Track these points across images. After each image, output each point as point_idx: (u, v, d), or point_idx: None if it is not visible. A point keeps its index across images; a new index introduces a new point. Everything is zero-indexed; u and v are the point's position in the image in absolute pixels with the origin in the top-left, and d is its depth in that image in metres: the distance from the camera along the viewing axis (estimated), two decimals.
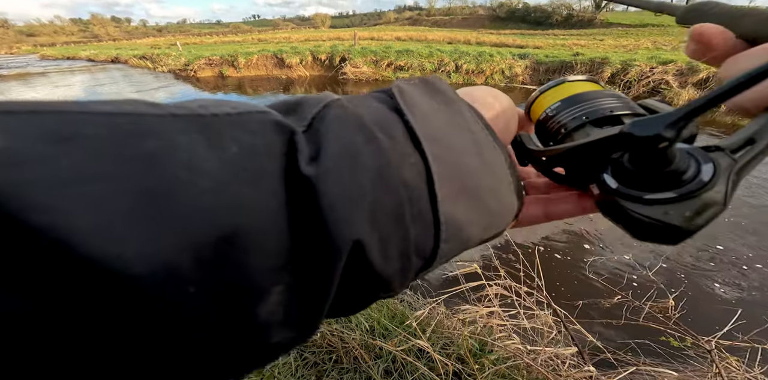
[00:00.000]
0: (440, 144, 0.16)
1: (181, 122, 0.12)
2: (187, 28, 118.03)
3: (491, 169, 0.17)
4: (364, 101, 0.18)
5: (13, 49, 44.80)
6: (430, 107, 0.17)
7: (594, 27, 36.17)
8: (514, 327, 1.62)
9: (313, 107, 0.16)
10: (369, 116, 0.16)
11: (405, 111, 0.16)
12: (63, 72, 15.63)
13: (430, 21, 59.97)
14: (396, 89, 0.18)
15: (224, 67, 12.44)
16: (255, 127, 0.13)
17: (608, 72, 8.43)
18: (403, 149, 0.15)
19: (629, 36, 22.22)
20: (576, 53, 10.06)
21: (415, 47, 11.95)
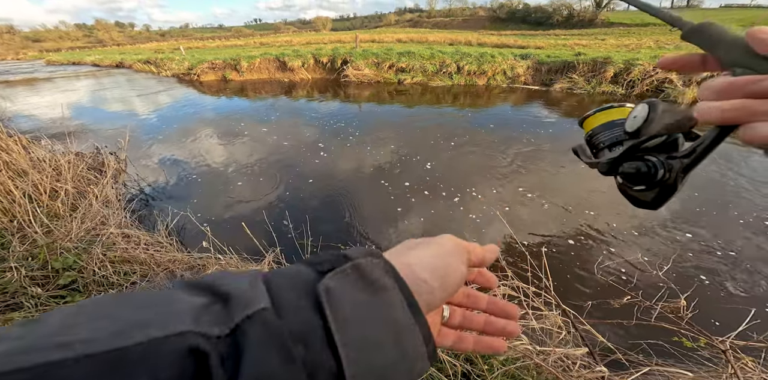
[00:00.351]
0: (357, 346, 0.18)
1: (88, 362, 0.13)
2: (190, 33, 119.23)
3: (405, 354, 0.20)
4: (294, 300, 0.19)
5: (20, 54, 45.47)
6: (356, 304, 0.19)
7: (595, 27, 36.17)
8: (523, 327, 1.59)
9: (242, 309, 0.17)
10: (292, 328, 0.18)
11: (328, 318, 0.18)
12: (68, 77, 15.81)
13: (430, 23, 60.20)
14: (323, 291, 0.19)
15: (227, 71, 12.53)
16: (169, 359, 0.15)
17: (611, 72, 8.40)
18: (319, 357, 0.17)
19: (631, 35, 22.21)
20: (578, 53, 10.02)
21: (417, 49, 11.97)
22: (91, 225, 2.46)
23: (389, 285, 0.21)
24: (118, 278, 1.72)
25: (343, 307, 0.19)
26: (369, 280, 0.21)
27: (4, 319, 1.24)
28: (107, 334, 0.14)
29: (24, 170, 3.01)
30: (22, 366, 0.12)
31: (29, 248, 1.98)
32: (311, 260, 0.23)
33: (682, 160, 0.25)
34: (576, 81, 8.85)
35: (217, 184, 3.88)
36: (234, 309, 0.18)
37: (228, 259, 1.95)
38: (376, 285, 0.21)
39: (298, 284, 0.20)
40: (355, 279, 0.20)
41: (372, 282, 0.21)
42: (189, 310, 0.17)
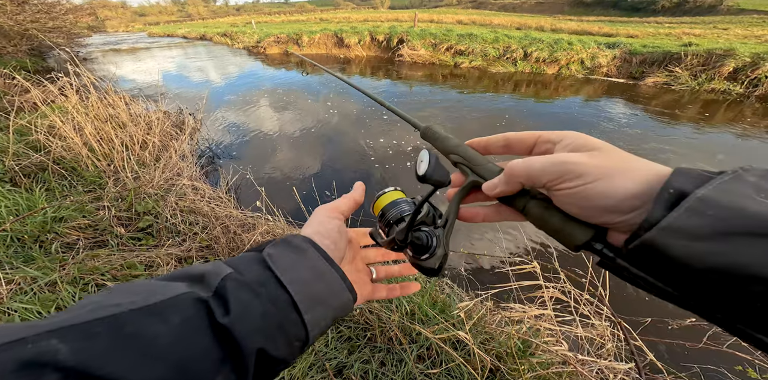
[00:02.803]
0: (297, 283, 0.27)
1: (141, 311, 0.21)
2: (260, 7, 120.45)
3: (330, 286, 0.29)
4: (248, 266, 0.27)
5: (129, 27, 50.03)
6: (289, 259, 0.28)
7: (717, 14, 28.77)
8: (565, 333, 1.38)
9: (214, 278, 0.25)
10: (253, 279, 0.26)
11: (273, 269, 0.27)
12: (162, 48, 17.06)
13: (496, 5, 53.15)
14: (267, 256, 0.28)
15: (290, 45, 12.48)
16: (185, 304, 0.23)
17: (730, 66, 6.54)
18: (275, 292, 0.26)
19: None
20: (687, 44, 7.88)
21: (479, 31, 10.63)
22: (169, 175, 2.62)
23: (307, 247, 0.30)
24: (183, 227, 1.79)
25: (282, 262, 0.28)
26: (294, 246, 0.30)
27: (91, 255, 1.34)
28: (140, 298, 0.22)
29: (124, 122, 3.27)
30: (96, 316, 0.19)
31: (120, 190, 2.15)
32: (253, 247, 0.31)
33: (443, 229, 0.31)
34: (678, 75, 7.07)
35: (273, 149, 3.94)
36: (210, 279, 0.25)
37: (275, 222, 1.94)
38: (299, 249, 0.29)
39: (249, 257, 0.29)
40: (285, 247, 0.29)
41: (296, 247, 0.29)
42: (181, 285, 0.24)
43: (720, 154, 3.77)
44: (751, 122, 4.94)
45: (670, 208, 0.18)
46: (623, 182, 0.21)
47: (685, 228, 0.17)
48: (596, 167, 0.22)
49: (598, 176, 0.22)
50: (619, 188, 0.21)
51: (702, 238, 0.16)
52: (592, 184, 0.22)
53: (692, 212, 0.17)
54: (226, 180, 2.75)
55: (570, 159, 0.23)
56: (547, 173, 0.24)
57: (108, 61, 11.95)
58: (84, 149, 2.53)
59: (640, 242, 0.19)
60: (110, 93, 3.52)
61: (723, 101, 6.13)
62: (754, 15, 24.53)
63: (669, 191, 0.19)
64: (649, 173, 0.21)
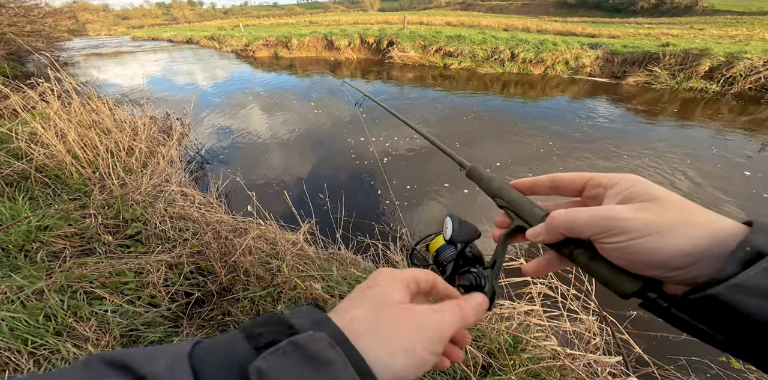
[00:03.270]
0: None
1: None
2: (249, 10, 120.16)
3: None
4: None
5: (111, 31, 49.23)
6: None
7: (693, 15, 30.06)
8: (554, 328, 1.43)
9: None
10: None
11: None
12: (147, 52, 16.85)
13: (484, 6, 54.41)
14: (254, 375, 0.17)
15: (279, 48, 12.49)
16: None
17: (706, 66, 6.83)
18: None
19: (741, 25, 18.13)
20: (665, 44, 8.21)
21: (468, 33, 10.87)
22: (157, 182, 2.60)
23: (335, 358, 0.18)
24: (173, 233, 1.79)
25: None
26: (310, 356, 0.18)
27: (79, 263, 1.34)
28: None
29: (109, 128, 3.24)
30: None
31: (106, 197, 2.13)
32: (250, 330, 0.20)
33: (491, 269, 0.32)
34: (657, 74, 7.38)
35: (264, 153, 3.94)
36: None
37: (267, 226, 1.95)
38: (319, 361, 0.18)
39: (229, 363, 0.18)
40: (293, 358, 0.18)
41: (314, 358, 0.18)
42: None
43: (695, 149, 3.94)
44: (728, 119, 5.18)
45: (745, 266, 0.18)
46: (675, 240, 0.20)
47: (758, 288, 0.17)
48: (645, 222, 0.21)
49: (646, 232, 0.21)
50: (670, 245, 0.20)
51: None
52: (640, 240, 0.21)
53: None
54: (216, 185, 2.75)
55: (616, 214, 0.22)
56: (591, 227, 0.23)
57: (90, 65, 11.75)
58: (68, 156, 2.50)
59: (703, 296, 0.19)
60: (93, 98, 3.48)
61: (701, 99, 6.40)
62: (727, 15, 25.77)
63: (746, 249, 0.18)
64: (707, 231, 0.20)
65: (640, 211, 0.22)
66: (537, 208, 0.30)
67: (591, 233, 0.23)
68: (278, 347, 0.18)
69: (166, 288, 1.36)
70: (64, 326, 1.05)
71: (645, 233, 0.21)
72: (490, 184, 0.34)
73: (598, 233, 0.23)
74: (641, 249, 0.21)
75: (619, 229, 0.22)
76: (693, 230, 0.20)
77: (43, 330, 1.05)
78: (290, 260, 1.62)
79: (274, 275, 1.60)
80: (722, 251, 0.19)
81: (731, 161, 3.70)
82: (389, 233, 2.38)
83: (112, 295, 1.17)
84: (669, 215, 0.21)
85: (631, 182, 0.24)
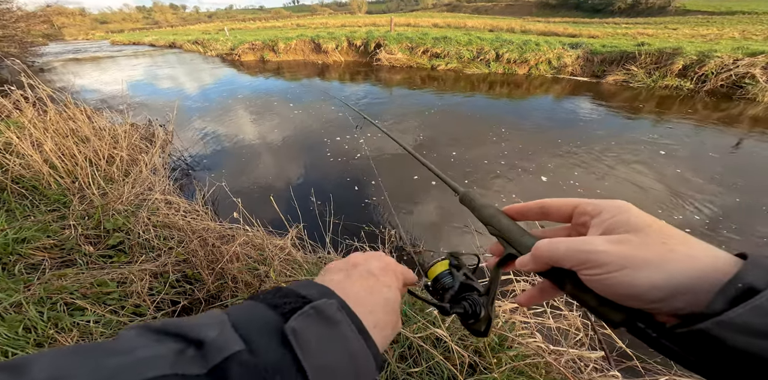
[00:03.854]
0: (322, 371, 0.21)
1: None
2: (234, 14, 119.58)
3: (359, 370, 0.23)
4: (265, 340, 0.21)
5: (89, 35, 48.27)
6: (318, 337, 0.22)
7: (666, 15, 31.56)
8: (538, 325, 1.49)
9: (216, 353, 0.19)
10: (267, 363, 0.20)
11: (297, 353, 0.21)
12: (128, 56, 16.59)
13: (470, 7, 55.73)
14: (291, 332, 0.21)
15: (265, 52, 12.50)
16: None
17: (679, 64, 7.18)
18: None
19: (711, 24, 19.14)
20: (641, 43, 8.61)
21: (454, 34, 11.13)
22: (140, 190, 2.59)
23: (342, 319, 0.24)
24: (158, 242, 1.79)
25: (309, 342, 0.21)
26: (325, 317, 0.23)
27: (58, 274, 1.33)
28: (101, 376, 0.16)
29: (87, 137, 3.20)
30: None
31: (86, 208, 2.11)
32: (271, 301, 0.24)
33: (486, 296, 0.34)
34: (634, 73, 7.73)
35: (250, 158, 3.94)
36: (210, 353, 0.19)
37: (255, 232, 1.97)
38: (332, 321, 0.23)
39: (267, 327, 0.22)
40: (315, 319, 0.23)
41: (328, 318, 0.23)
42: (164, 355, 0.18)
43: (669, 145, 4.13)
44: (702, 115, 5.47)
45: (733, 302, 0.18)
46: (650, 274, 0.21)
47: (746, 325, 0.17)
48: (620, 256, 0.22)
49: (621, 266, 0.22)
50: (644, 280, 0.21)
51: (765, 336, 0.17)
52: (615, 274, 0.22)
53: (759, 310, 0.17)
54: (202, 193, 2.74)
55: (593, 247, 0.23)
56: (570, 259, 0.24)
57: (68, 71, 11.50)
58: (45, 166, 2.46)
59: (688, 331, 0.19)
60: (70, 106, 3.44)
61: (676, 96, 6.71)
62: (698, 15, 27.20)
63: (737, 285, 0.18)
64: (686, 265, 0.20)
65: (618, 243, 0.22)
66: (527, 236, 0.30)
67: (571, 264, 0.24)
68: (303, 311, 0.23)
69: (152, 297, 1.36)
70: (45, 337, 1.05)
71: (620, 266, 0.21)
72: (482, 211, 0.34)
73: (576, 264, 0.24)
74: (617, 282, 0.22)
75: (595, 262, 0.22)
76: (669, 264, 0.21)
77: (23, 342, 1.05)
78: (278, 266, 1.64)
79: (262, 281, 1.61)
80: (707, 285, 0.19)
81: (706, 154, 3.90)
82: (378, 235, 2.42)
83: (94, 305, 1.17)
84: (647, 249, 0.22)
85: (613, 212, 0.25)
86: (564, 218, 0.29)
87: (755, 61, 6.47)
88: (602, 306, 0.24)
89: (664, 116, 5.46)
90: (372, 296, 0.29)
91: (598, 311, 0.24)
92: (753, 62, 6.49)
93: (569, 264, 0.24)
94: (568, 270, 0.25)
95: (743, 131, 4.79)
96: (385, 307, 0.29)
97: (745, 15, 24.50)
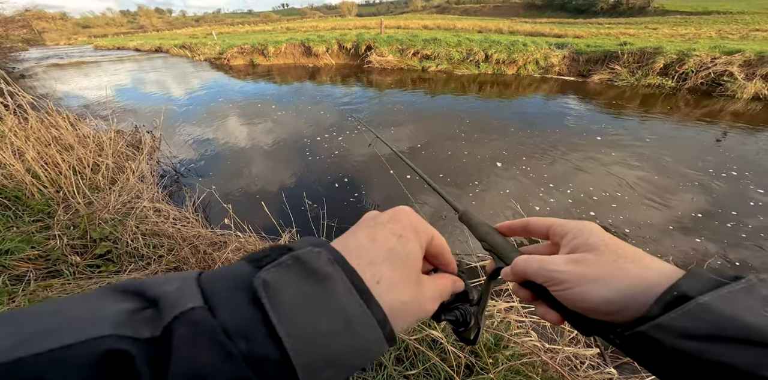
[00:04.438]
0: (304, 337, 0.17)
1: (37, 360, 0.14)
2: (222, 18, 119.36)
3: (358, 341, 0.19)
4: (230, 297, 0.18)
5: (71, 40, 47.54)
6: (298, 295, 0.18)
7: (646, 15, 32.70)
8: (534, 323, 1.52)
9: (169, 310, 0.16)
10: (229, 324, 0.16)
11: (268, 311, 0.17)
12: (113, 61, 16.40)
13: (459, 9, 56.78)
14: (260, 285, 0.18)
15: (255, 56, 12.50)
16: (88, 359, 0.14)
17: (661, 63, 7.45)
18: (263, 351, 0.16)
19: (689, 24, 19.91)
20: (623, 43, 8.91)
21: (443, 36, 11.31)
22: (127, 198, 2.56)
23: (333, 273, 0.19)
24: (147, 250, 1.78)
25: (284, 299, 0.18)
26: (311, 270, 0.19)
27: (44, 285, 1.31)
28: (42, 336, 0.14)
29: (71, 144, 3.15)
30: None
31: (72, 217, 2.08)
32: (253, 256, 0.21)
33: (477, 306, 0.36)
34: (618, 72, 7.98)
35: (241, 164, 3.93)
36: (163, 312, 0.17)
37: (247, 237, 1.97)
38: (319, 275, 0.19)
39: (235, 281, 0.18)
40: (296, 271, 0.19)
41: (314, 272, 0.19)
42: (111, 315, 0.16)
43: (649, 140, 4.26)
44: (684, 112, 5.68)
45: (667, 308, 0.21)
46: (601, 289, 0.24)
47: (678, 328, 0.20)
48: (576, 274, 0.25)
49: (576, 283, 0.25)
50: (596, 295, 0.24)
51: (695, 338, 0.19)
52: (572, 290, 0.25)
53: (689, 315, 0.20)
54: (192, 199, 2.72)
55: (554, 267, 0.26)
56: (538, 276, 0.27)
57: (50, 77, 11.31)
58: (27, 175, 2.42)
59: (631, 333, 0.22)
60: (52, 113, 3.39)
61: (659, 94, 6.94)
62: (677, 15, 28.29)
63: (673, 293, 0.21)
64: (633, 281, 0.23)
65: (575, 263, 0.26)
66: (516, 252, 0.34)
67: (540, 280, 0.27)
68: (280, 261, 0.19)
69: None
70: None
71: (576, 284, 0.25)
72: (479, 229, 0.38)
73: (544, 281, 0.27)
74: (575, 298, 0.25)
75: (556, 279, 0.26)
76: (617, 280, 0.24)
77: None
78: None
79: None
80: (647, 298, 0.22)
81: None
82: None
83: None
84: (599, 267, 0.25)
85: (576, 233, 0.28)
86: (542, 236, 0.33)
87: (732, 59, 6.75)
88: (572, 316, 0.27)
89: (648, 112, 5.64)
90: (374, 244, 0.23)
91: (570, 320, 0.28)
92: (730, 60, 6.76)
93: (539, 281, 0.27)
94: (541, 285, 0.28)
95: (723, 125, 4.96)
96: (391, 259, 0.22)
97: (720, 15, 25.52)
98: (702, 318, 0.20)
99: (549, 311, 0.30)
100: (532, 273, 0.28)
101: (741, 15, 24.07)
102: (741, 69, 6.64)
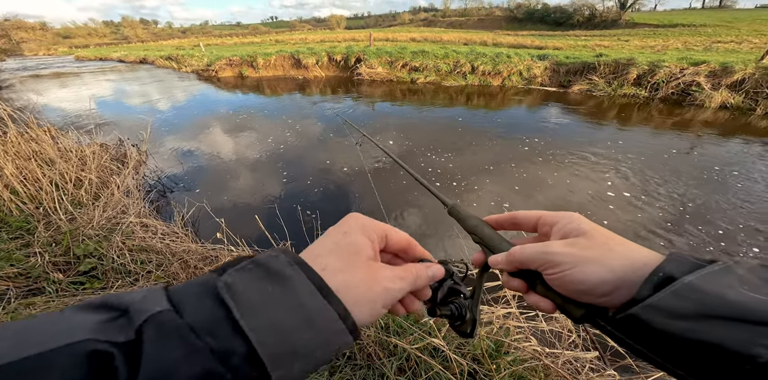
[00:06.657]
0: (267, 331, 0.19)
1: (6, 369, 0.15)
2: (209, 30, 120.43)
3: (322, 334, 0.21)
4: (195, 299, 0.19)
5: (51, 50, 46.90)
6: (259, 294, 0.20)
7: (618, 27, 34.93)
8: (532, 328, 1.54)
9: (139, 315, 0.18)
10: (195, 322, 0.18)
11: (231, 308, 0.19)
12: (95, 72, 16.23)
13: (445, 22, 59.25)
14: (223, 287, 0.20)
15: (244, 68, 12.61)
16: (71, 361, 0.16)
17: (634, 73, 7.96)
18: (229, 344, 0.18)
19: (657, 36, 21.31)
20: (599, 54, 9.52)
21: (431, 48, 11.75)
22: (112, 214, 2.50)
23: (293, 274, 0.22)
24: (135, 266, 1.74)
25: (246, 297, 0.20)
26: (270, 272, 0.22)
27: (26, 303, 1.26)
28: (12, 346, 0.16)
29: (52, 159, 3.08)
30: None
31: (53, 234, 2.02)
32: (219, 267, 0.23)
33: (471, 300, 0.37)
34: (596, 83, 8.46)
35: (231, 177, 3.91)
36: (134, 317, 0.18)
37: (240, 251, 1.95)
38: (278, 275, 0.21)
39: (200, 286, 0.21)
40: (256, 273, 0.21)
41: (274, 273, 0.22)
42: (88, 325, 0.18)
43: (618, 142, 4.49)
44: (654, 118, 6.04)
45: (656, 289, 0.22)
46: (597, 269, 0.25)
47: (668, 308, 0.21)
48: (572, 255, 0.26)
49: (573, 264, 0.26)
50: (592, 275, 0.25)
51: (684, 317, 0.20)
52: (569, 271, 0.26)
53: (677, 294, 0.21)
54: (181, 214, 2.68)
55: (550, 249, 0.28)
56: (535, 260, 0.28)
57: (28, 88, 11.08)
58: (5, 191, 2.35)
59: (625, 316, 0.23)
60: (32, 126, 3.33)
61: (634, 104, 7.39)
62: (645, 28, 30.35)
63: (659, 275, 0.22)
64: (625, 261, 0.25)
65: (569, 246, 0.27)
66: (505, 243, 0.35)
67: (536, 265, 0.29)
68: (241, 265, 0.22)
69: None
70: None
71: (572, 265, 0.26)
72: (467, 222, 0.38)
73: (540, 265, 0.28)
74: (571, 279, 0.26)
75: (553, 262, 0.27)
76: (611, 261, 0.25)
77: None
78: None
79: None
80: (637, 278, 0.23)
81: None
82: None
83: None
84: (593, 249, 0.26)
85: (566, 220, 0.30)
86: (531, 228, 0.34)
87: (699, 70, 7.27)
88: (566, 303, 0.28)
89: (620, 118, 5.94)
90: (323, 242, 0.27)
91: (563, 308, 0.29)
92: (697, 71, 7.28)
93: (534, 265, 0.29)
94: (535, 272, 0.30)
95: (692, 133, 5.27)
96: (336, 250, 0.26)
97: (685, 27, 27.46)
98: (688, 298, 0.20)
99: (541, 299, 0.30)
100: (528, 259, 0.29)
101: (703, 27, 25.94)
102: (707, 79, 7.15)
